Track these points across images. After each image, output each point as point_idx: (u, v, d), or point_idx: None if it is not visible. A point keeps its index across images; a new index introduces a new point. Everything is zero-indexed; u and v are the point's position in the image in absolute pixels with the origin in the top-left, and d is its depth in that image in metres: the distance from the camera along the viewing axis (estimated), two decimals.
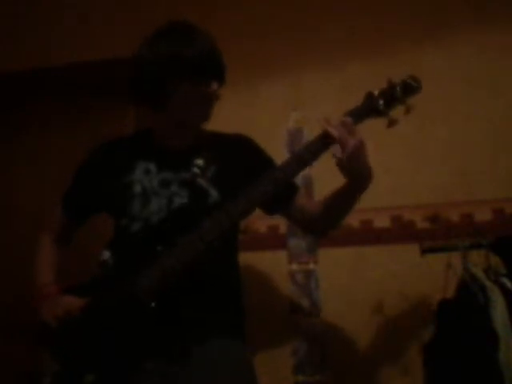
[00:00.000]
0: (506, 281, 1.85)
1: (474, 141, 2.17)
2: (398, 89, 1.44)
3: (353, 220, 2.17)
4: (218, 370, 1.43)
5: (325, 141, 1.39)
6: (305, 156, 1.41)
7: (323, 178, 1.53)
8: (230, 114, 2.09)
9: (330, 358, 2.15)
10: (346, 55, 2.35)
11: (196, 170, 1.52)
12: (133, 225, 1.50)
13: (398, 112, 1.43)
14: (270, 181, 1.40)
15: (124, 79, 2.61)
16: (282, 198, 1.52)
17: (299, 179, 2.12)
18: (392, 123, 1.42)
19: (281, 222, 2.22)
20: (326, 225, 1.62)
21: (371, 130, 1.43)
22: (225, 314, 1.51)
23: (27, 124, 2.68)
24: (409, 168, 2.18)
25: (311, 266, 2.22)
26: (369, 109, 1.44)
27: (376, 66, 2.31)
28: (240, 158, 1.59)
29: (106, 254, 1.51)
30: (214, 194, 1.51)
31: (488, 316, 1.77)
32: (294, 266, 2.24)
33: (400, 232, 2.17)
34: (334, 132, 1.36)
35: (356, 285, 2.16)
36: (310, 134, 2.31)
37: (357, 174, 1.39)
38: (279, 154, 1.81)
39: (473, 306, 1.79)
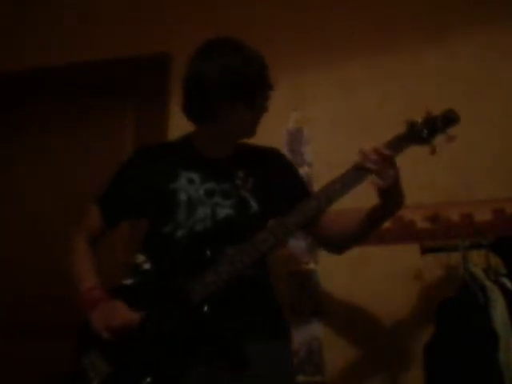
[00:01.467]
0: (506, 281, 1.85)
1: (475, 141, 2.17)
2: (438, 120, 1.51)
3: None
4: (267, 374, 1.46)
5: (361, 172, 1.45)
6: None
7: (323, 178, 1.53)
8: None
9: (330, 358, 2.15)
10: (345, 55, 2.35)
11: (238, 181, 1.57)
12: (177, 232, 1.53)
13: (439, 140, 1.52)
14: (324, 196, 1.47)
15: (124, 79, 2.61)
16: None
17: None
18: (433, 151, 1.50)
19: None
20: (347, 245, 1.68)
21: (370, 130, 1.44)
22: (271, 315, 1.55)
23: (27, 124, 2.68)
24: (409, 168, 2.17)
25: (311, 265, 2.22)
26: (414, 136, 1.50)
27: (376, 66, 2.31)
28: (273, 171, 1.65)
29: (141, 258, 1.53)
30: (254, 205, 1.57)
31: (488, 316, 1.77)
32: (294, 266, 2.24)
33: (400, 232, 2.16)
34: (372, 166, 1.42)
35: (356, 285, 2.15)
36: (310, 134, 2.32)
37: (394, 200, 1.49)
38: None
39: (473, 305, 1.79)
